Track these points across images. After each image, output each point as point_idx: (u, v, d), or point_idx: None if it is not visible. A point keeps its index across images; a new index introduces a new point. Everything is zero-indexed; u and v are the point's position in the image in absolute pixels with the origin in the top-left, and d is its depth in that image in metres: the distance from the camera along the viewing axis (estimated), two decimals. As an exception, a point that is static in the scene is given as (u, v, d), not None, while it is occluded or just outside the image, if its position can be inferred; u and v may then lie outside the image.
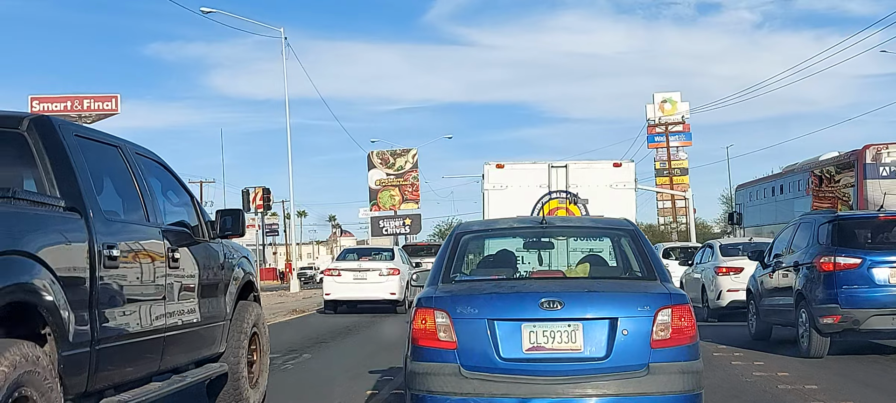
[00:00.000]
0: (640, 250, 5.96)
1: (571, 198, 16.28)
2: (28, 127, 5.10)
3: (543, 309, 5.17)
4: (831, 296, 10.06)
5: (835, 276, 10.08)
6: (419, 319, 5.31)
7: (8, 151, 5.08)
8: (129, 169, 5.90)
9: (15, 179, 5.04)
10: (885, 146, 20.55)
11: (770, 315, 12.00)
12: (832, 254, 10.14)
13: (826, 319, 10.10)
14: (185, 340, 6.27)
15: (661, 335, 5.13)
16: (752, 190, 29.64)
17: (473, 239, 6.42)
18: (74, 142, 5.27)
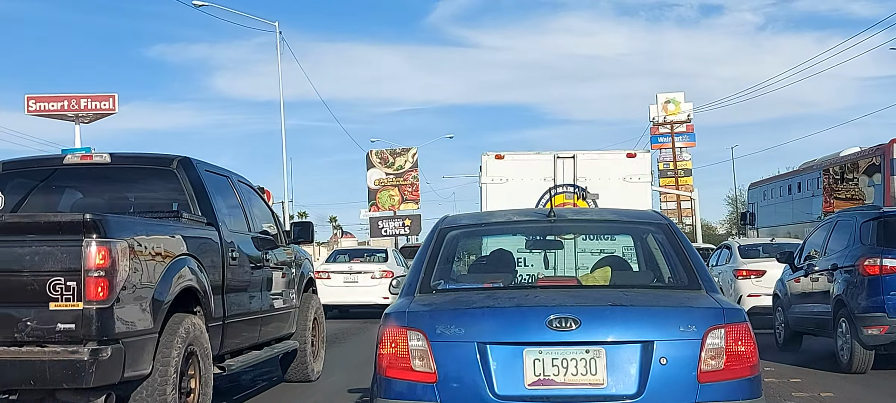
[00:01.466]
0: (677, 250, 4.68)
1: (580, 193, 14.78)
2: (176, 165, 7.13)
3: (553, 330, 3.95)
4: (877, 304, 8.88)
5: (881, 281, 8.89)
6: (388, 342, 4.06)
7: (163, 183, 7.15)
8: (235, 192, 7.90)
9: (168, 203, 7.03)
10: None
11: (801, 323, 10.76)
12: (878, 256, 8.95)
13: (871, 329, 8.88)
14: (273, 321, 8.24)
15: (711, 364, 3.91)
16: (766, 188, 28.60)
17: (462, 237, 5.11)
18: (205, 174, 7.28)
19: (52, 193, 7.42)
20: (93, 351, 5.22)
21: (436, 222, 5.21)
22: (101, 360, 5.25)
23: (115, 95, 72.58)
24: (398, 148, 71.17)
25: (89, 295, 5.22)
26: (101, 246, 5.28)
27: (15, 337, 5.26)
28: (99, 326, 5.26)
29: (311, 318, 9.14)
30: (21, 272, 5.28)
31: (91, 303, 5.23)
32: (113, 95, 72.51)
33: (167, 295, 5.92)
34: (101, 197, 7.41)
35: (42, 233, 5.38)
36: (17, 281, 5.28)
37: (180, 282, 6.07)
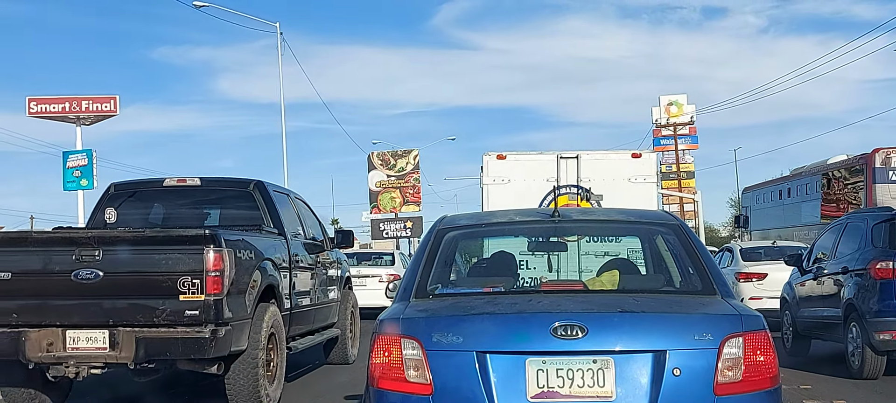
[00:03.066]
0: (690, 252, 4.40)
1: (583, 194, 14.16)
2: (252, 187, 8.99)
3: (558, 338, 3.70)
4: (889, 308, 8.65)
5: (893, 285, 8.64)
6: (380, 350, 3.82)
7: (243, 201, 8.98)
8: (293, 206, 9.63)
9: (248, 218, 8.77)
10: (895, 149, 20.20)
11: (810, 327, 10.51)
12: (891, 259, 8.69)
13: (883, 335, 8.64)
14: (322, 312, 9.98)
15: (728, 375, 3.65)
16: (760, 193, 29.23)
17: (461, 238, 4.87)
18: (274, 193, 9.11)
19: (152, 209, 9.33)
20: (212, 331, 6.95)
21: (433, 223, 4.98)
22: (217, 337, 6.97)
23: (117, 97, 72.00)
24: (400, 150, 70.87)
25: (208, 290, 6.93)
26: (216, 253, 6.98)
27: (154, 321, 6.97)
28: (215, 313, 6.97)
29: (349, 310, 10.92)
30: (159, 273, 7.00)
31: (209, 296, 6.93)
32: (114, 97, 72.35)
33: (257, 290, 7.66)
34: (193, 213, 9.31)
35: (174, 244, 7.12)
36: (156, 280, 7.00)
37: (264, 281, 7.81)
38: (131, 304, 7.04)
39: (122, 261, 7.13)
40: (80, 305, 7.08)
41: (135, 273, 7.09)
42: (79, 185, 71.31)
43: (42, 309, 7.12)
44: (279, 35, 37.60)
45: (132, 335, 6.99)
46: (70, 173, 71.78)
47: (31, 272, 7.22)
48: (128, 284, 7.09)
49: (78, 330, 7.06)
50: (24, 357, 7.10)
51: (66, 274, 7.05)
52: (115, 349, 7.02)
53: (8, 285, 7.12)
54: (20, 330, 7.06)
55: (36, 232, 8.12)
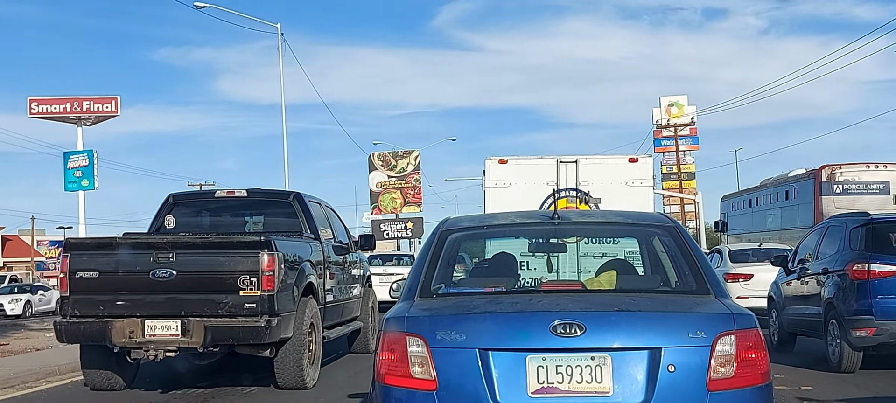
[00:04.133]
0: (685, 253, 4.60)
1: (582, 197, 14.58)
2: (292, 198, 10.49)
3: (557, 336, 3.87)
4: (865, 307, 9.34)
5: (869, 285, 9.35)
6: (386, 348, 4.01)
7: (284, 210, 10.38)
8: (324, 213, 11.14)
9: (288, 225, 10.14)
10: (839, 166, 23.07)
11: (795, 324, 11.24)
12: (866, 261, 9.41)
13: (859, 332, 9.35)
14: (348, 306, 11.39)
15: (721, 372, 3.83)
16: (735, 200, 31.85)
17: (464, 240, 5.04)
18: (309, 203, 10.54)
19: (205, 216, 10.88)
20: (266, 321, 8.36)
21: (437, 224, 5.15)
22: (270, 326, 8.37)
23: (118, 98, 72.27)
24: (400, 150, 70.97)
25: (263, 287, 8.34)
26: (270, 256, 8.38)
27: (219, 312, 8.42)
28: (269, 306, 8.40)
29: (369, 305, 12.41)
30: (223, 272, 8.45)
31: (264, 292, 8.35)
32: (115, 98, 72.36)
33: (300, 287, 9.09)
34: (241, 220, 10.85)
35: (236, 248, 8.56)
36: (221, 278, 8.45)
37: (305, 279, 9.28)
38: (200, 298, 8.47)
39: (192, 262, 8.55)
40: (157, 299, 8.51)
41: (203, 272, 8.53)
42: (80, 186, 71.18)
43: (125, 302, 8.56)
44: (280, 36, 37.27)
45: (201, 324, 8.44)
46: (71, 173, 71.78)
47: (115, 271, 8.67)
48: (197, 281, 8.50)
49: (155, 319, 8.51)
50: (110, 343, 8.56)
51: (145, 272, 8.52)
52: (186, 335, 8.46)
53: (96, 282, 8.61)
54: (107, 320, 8.53)
55: (120, 237, 9.29)
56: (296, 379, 9.01)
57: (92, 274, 8.60)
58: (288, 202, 10.48)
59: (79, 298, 8.66)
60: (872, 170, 23.63)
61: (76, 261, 8.72)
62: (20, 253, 76.97)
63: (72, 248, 8.94)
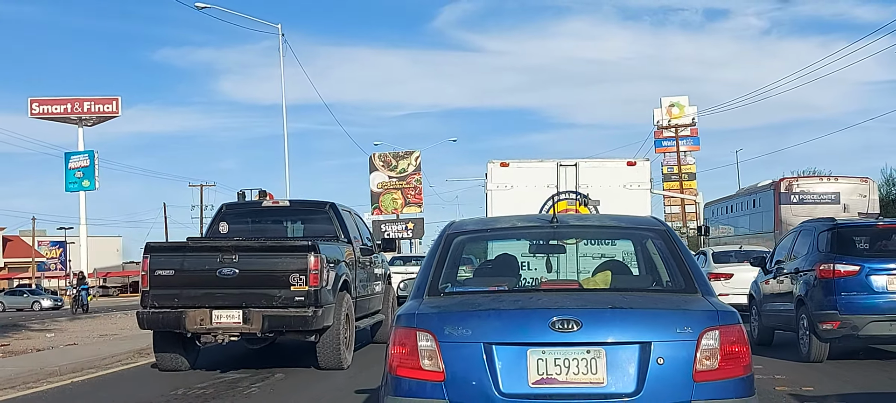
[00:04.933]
0: (675, 255, 4.97)
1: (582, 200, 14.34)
2: (328, 207, 12.21)
3: (555, 331, 4.20)
4: (831, 303, 10.52)
5: (834, 283, 10.53)
6: (398, 342, 4.36)
7: (321, 218, 12.09)
8: (354, 220, 12.87)
9: (324, 231, 11.76)
10: (796, 178, 26.53)
11: (772, 319, 12.47)
12: (831, 262, 10.60)
13: (825, 325, 10.55)
14: (373, 301, 13.00)
15: (706, 364, 4.17)
16: (716, 207, 34.83)
17: (469, 242, 5.44)
18: (342, 211, 12.37)
19: (254, 223, 12.53)
20: (313, 312, 10.11)
21: (443, 227, 5.50)
22: (316, 316, 10.13)
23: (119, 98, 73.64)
24: (401, 151, 71.43)
25: (310, 283, 10.13)
26: (316, 257, 10.17)
27: (273, 304, 10.20)
28: (315, 298, 10.15)
29: (390, 300, 14.14)
30: (277, 271, 10.20)
31: (311, 287, 10.12)
32: (116, 98, 73.57)
33: (338, 283, 10.81)
34: (284, 227, 12.56)
35: (288, 251, 10.35)
36: (275, 275, 10.19)
37: (342, 277, 11.01)
38: (258, 292, 10.22)
39: (251, 263, 10.31)
40: (222, 293, 10.28)
41: (261, 270, 10.27)
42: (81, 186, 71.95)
43: (196, 295, 10.32)
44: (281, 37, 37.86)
45: (259, 313, 10.21)
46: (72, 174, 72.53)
47: (188, 270, 10.42)
48: (256, 278, 10.23)
49: (221, 310, 10.28)
50: (184, 329, 10.40)
51: (213, 271, 10.30)
52: (247, 323, 10.26)
53: (172, 278, 10.36)
54: (181, 310, 10.31)
55: (192, 241, 11.22)
56: (335, 361, 10.70)
57: (168, 272, 10.41)
58: (324, 211, 12.36)
59: (157, 292, 10.42)
60: (825, 182, 26.81)
61: (155, 261, 10.48)
62: (21, 254, 77.89)
63: (151, 251, 10.59)
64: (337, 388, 9.66)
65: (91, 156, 70.63)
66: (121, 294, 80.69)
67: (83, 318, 30.07)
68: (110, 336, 18.49)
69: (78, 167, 70.30)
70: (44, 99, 72.08)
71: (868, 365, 10.75)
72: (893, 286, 10.36)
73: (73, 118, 71.78)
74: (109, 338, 17.64)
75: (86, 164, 70.33)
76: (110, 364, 12.74)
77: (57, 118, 72.50)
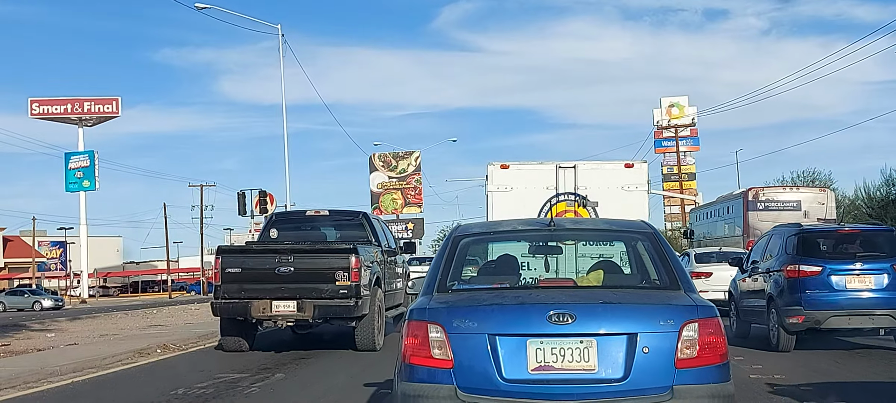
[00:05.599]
0: (660, 255, 5.53)
1: (580, 201, 16.21)
2: (361, 216, 15.29)
3: (552, 323, 4.67)
4: (796, 299, 12.09)
5: (799, 282, 12.11)
6: (411, 333, 4.88)
7: (354, 224, 14.91)
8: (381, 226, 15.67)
9: (359, 236, 14.29)
10: (762, 189, 29.56)
11: (747, 314, 14.07)
12: (797, 263, 12.18)
13: (791, 319, 12.11)
14: (396, 295, 15.48)
15: (686, 353, 4.66)
16: (698, 212, 38.70)
17: (473, 243, 5.98)
18: (372, 219, 15.60)
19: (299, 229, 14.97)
20: (354, 302, 12.48)
21: (450, 231, 6.03)
22: (357, 306, 12.47)
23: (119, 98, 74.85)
24: (401, 151, 72.59)
25: (352, 278, 12.46)
26: (356, 258, 12.52)
27: (322, 296, 12.56)
28: (356, 291, 12.47)
29: (410, 296, 15.81)
30: (325, 268, 12.55)
31: (353, 282, 12.44)
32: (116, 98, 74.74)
33: (372, 279, 13.12)
34: (325, 232, 15.11)
35: (334, 252, 12.72)
36: (324, 272, 12.53)
37: (375, 274, 13.37)
38: (310, 286, 12.65)
39: (304, 262, 12.74)
40: (280, 287, 12.68)
41: (311, 268, 12.69)
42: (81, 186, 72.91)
43: (259, 289, 12.74)
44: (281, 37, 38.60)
45: (311, 303, 12.63)
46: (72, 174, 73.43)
47: (252, 268, 12.86)
48: (308, 274, 12.65)
49: (279, 300, 12.69)
50: (249, 316, 12.86)
51: (272, 268, 12.77)
52: (301, 311, 12.69)
53: (239, 275, 12.84)
54: (247, 301, 12.76)
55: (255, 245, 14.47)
56: (370, 343, 12.99)
57: (236, 270, 12.86)
58: (358, 219, 15.22)
59: (227, 286, 12.86)
60: (787, 191, 30.53)
61: (225, 261, 12.94)
62: (21, 254, 78.86)
63: (222, 252, 13.27)
64: (339, 388, 10.03)
65: (91, 156, 71.92)
66: (121, 294, 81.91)
67: (83, 318, 30.44)
68: (110, 335, 18.83)
69: (78, 167, 71.62)
70: (44, 99, 73.07)
71: (832, 355, 12.18)
72: (852, 284, 11.96)
73: (74, 118, 72.95)
74: (110, 338, 17.97)
75: (86, 164, 71.66)
76: (111, 363, 13.01)
77: (57, 118, 73.60)
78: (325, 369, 11.72)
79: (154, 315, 29.89)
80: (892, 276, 11.83)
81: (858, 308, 11.87)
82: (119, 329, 21.48)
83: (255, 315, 12.76)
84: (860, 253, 12.15)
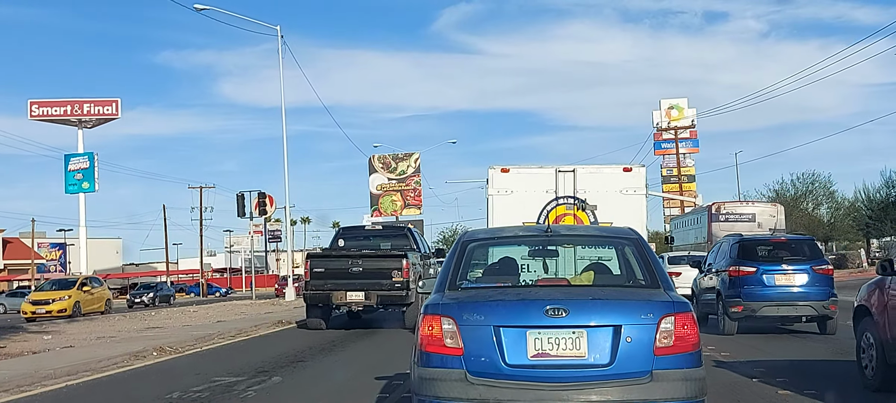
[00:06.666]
0: (643, 258, 6.34)
1: (579, 204, 17.49)
2: (406, 229, 22.74)
3: (548, 317, 5.39)
4: (737, 293, 16.19)
5: (739, 280, 16.24)
6: (426, 325, 5.65)
7: (401, 235, 21.87)
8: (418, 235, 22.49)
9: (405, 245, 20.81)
10: (723, 204, 37.01)
11: (704, 306, 18.20)
12: (738, 265, 16.31)
13: (733, 309, 16.20)
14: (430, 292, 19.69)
15: (664, 342, 5.43)
16: (677, 221, 46.62)
17: (479, 247, 6.76)
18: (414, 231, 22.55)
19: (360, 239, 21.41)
20: (406, 293, 18.54)
21: (459, 236, 6.99)
22: (408, 296, 18.58)
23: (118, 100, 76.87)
24: (401, 153, 74.24)
25: (404, 276, 18.60)
26: (406, 261, 18.82)
27: (382, 288, 18.71)
28: (406, 285, 18.58)
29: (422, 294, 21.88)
30: (384, 268, 18.78)
31: (404, 279, 18.59)
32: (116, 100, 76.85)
33: (416, 276, 18.99)
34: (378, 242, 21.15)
35: (390, 257, 19.09)
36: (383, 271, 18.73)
37: (418, 272, 19.42)
38: (373, 281, 18.47)
39: (370, 263, 18.67)
40: (353, 281, 18.56)
41: (375, 268, 18.48)
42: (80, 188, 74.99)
43: (337, 283, 18.68)
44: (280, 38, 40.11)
45: (375, 293, 18.47)
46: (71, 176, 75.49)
47: (332, 268, 18.95)
48: (372, 272, 18.45)
49: (352, 291, 18.56)
50: (331, 303, 18.88)
51: (346, 268, 18.78)
52: (368, 299, 18.67)
53: (323, 273, 18.83)
54: (328, 291, 18.74)
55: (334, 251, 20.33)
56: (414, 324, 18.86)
57: (321, 270, 18.93)
58: (404, 232, 22.01)
59: (314, 282, 18.89)
60: (744, 205, 38.13)
61: (313, 263, 19.15)
62: (21, 256, 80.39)
63: (311, 257, 19.65)
64: (336, 391, 10.49)
65: (91, 158, 73.31)
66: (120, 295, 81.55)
67: (80, 320, 31.21)
68: (107, 338, 19.36)
69: (77, 169, 72.91)
70: (43, 101, 74.90)
71: (765, 338, 16.06)
72: (780, 281, 16.10)
73: (73, 120, 74.67)
74: (106, 340, 18.41)
75: (85, 166, 72.88)
76: (106, 366, 13.22)
77: (57, 120, 75.15)
78: (321, 373, 12.06)
79: (152, 317, 30.60)
80: (811, 275, 16.00)
81: (785, 300, 16.00)
82: (116, 331, 22.17)
83: (335, 302, 18.86)
84: (787, 257, 16.32)
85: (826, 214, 61.45)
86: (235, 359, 14.06)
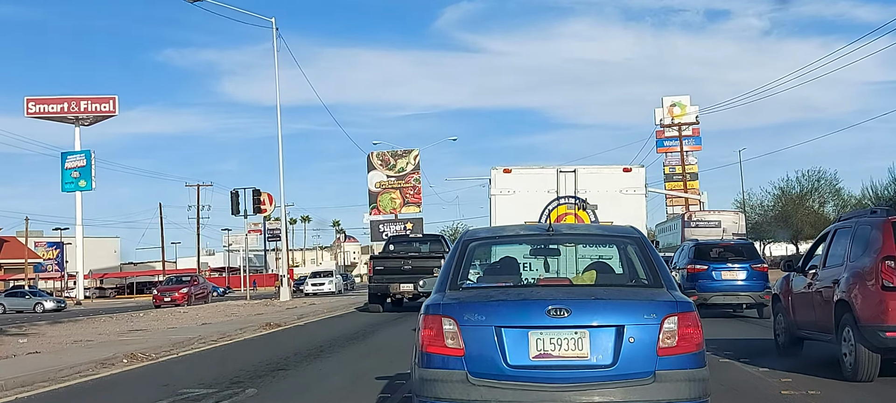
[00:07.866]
0: (646, 257, 6.58)
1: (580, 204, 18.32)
2: (440, 238, 35.03)
3: (550, 317, 5.64)
4: (693, 285, 21.40)
5: (694, 274, 21.65)
6: (427, 326, 5.91)
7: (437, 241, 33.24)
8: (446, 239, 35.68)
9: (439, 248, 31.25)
10: (694, 213, 47.49)
11: (670, 298, 24.15)
12: (694, 263, 21.88)
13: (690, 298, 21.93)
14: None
15: (667, 342, 5.67)
16: (661, 226, 55.31)
17: (481, 247, 6.97)
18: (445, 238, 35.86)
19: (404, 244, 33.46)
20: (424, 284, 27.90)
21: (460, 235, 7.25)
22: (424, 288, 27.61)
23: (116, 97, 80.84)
24: (400, 150, 76.94)
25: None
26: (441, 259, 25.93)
27: None
28: None
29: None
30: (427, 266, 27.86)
31: None
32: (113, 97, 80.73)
33: None
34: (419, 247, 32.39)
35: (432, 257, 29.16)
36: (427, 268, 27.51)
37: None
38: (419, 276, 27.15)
39: (417, 263, 28.61)
40: (405, 276, 28.30)
41: (421, 266, 27.87)
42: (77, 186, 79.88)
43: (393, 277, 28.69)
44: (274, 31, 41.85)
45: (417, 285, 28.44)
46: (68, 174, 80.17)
47: (389, 267, 28.99)
48: (419, 270, 27.73)
49: (405, 284, 28.45)
50: (389, 293, 28.98)
51: (400, 266, 28.81)
52: (417, 289, 27.99)
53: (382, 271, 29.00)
54: (387, 283, 28.87)
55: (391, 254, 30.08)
56: None
57: (381, 268, 28.65)
58: (439, 239, 33.02)
59: (376, 277, 28.53)
60: (712, 213, 46.73)
61: (375, 263, 29.21)
62: (17, 255, 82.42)
63: (374, 259, 30.00)
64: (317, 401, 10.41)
65: (88, 156, 77.22)
66: (117, 295, 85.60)
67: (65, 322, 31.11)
68: (84, 341, 18.96)
69: (74, 167, 76.96)
70: (40, 98, 78.56)
71: (715, 321, 20.74)
72: (726, 276, 21.54)
73: (70, 117, 78.58)
74: (83, 344, 18.03)
75: (82, 164, 76.93)
76: (67, 376, 12.81)
77: (53, 117, 79.03)
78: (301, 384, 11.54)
79: (139, 318, 30.77)
80: (750, 271, 21.55)
81: (730, 290, 21.42)
82: (98, 333, 22.03)
83: (392, 292, 27.85)
84: (732, 257, 21.87)
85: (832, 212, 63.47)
86: (211, 368, 13.83)
